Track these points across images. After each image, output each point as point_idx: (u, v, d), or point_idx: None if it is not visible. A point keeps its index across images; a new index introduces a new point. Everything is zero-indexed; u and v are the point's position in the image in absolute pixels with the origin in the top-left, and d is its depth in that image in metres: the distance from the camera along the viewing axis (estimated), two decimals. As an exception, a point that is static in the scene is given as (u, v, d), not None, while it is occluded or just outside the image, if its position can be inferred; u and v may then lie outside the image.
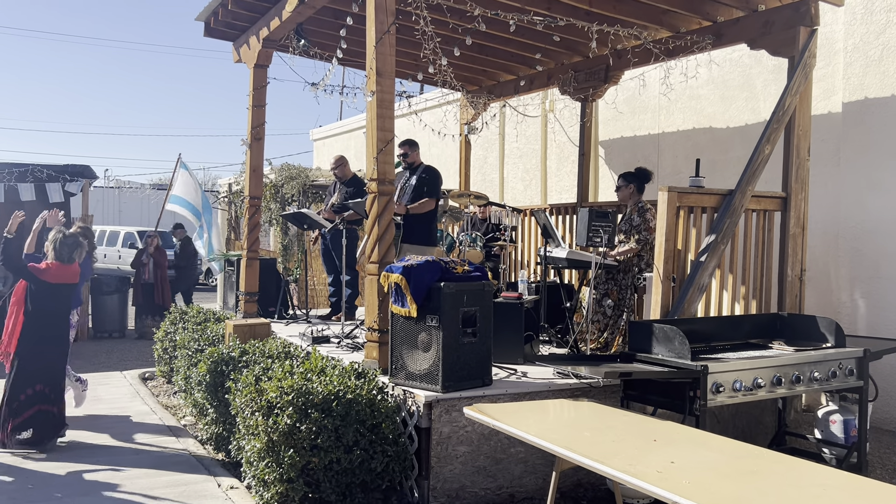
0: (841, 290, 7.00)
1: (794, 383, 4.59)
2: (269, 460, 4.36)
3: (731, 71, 8.08)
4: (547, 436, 3.38)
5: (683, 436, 3.49)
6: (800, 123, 6.12)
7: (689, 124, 8.55)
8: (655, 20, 6.93)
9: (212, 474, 5.33)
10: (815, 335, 5.08)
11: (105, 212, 33.55)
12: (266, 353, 5.74)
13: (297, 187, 11.81)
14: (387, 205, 5.30)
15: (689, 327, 4.73)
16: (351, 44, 7.10)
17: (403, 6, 5.73)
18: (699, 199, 5.73)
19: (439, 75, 7.12)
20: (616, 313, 6.53)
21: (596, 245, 5.95)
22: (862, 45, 6.85)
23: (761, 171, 5.87)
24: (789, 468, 3.02)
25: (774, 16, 6.25)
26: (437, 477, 4.53)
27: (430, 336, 4.69)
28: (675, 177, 8.39)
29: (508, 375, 5.23)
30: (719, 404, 4.35)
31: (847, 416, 5.23)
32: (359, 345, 6.30)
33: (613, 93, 8.80)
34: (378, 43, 5.29)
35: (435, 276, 4.73)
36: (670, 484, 2.70)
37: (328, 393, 4.42)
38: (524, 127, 10.79)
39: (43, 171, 11.68)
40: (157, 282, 12.51)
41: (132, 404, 7.45)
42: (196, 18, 8.26)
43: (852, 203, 6.90)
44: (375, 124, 5.31)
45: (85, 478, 5.24)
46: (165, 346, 8.27)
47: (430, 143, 11.89)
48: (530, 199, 10.75)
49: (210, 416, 5.97)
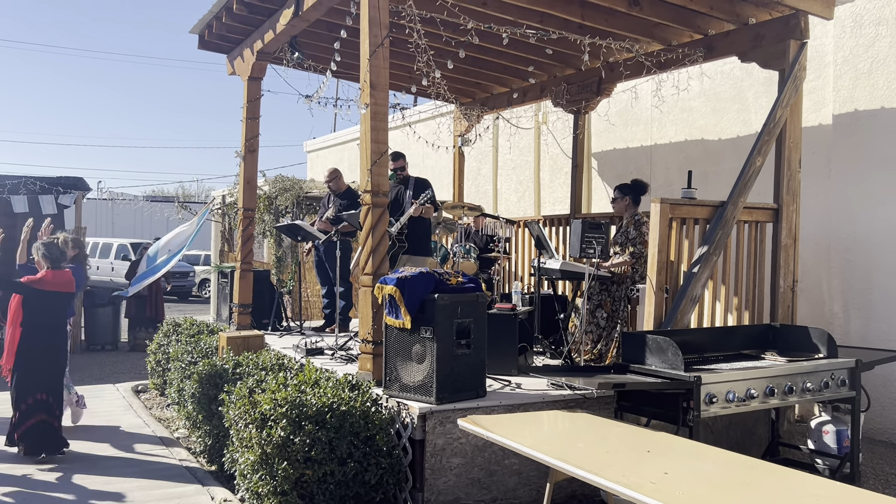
0: (833, 300, 7.03)
1: (786, 394, 4.60)
2: (262, 473, 4.35)
3: (722, 83, 8.14)
4: (541, 447, 3.38)
5: (677, 447, 3.50)
6: (791, 135, 6.17)
7: (681, 136, 8.61)
8: (647, 33, 6.98)
9: (205, 486, 5.31)
10: (807, 346, 5.11)
11: (98, 224, 33.51)
12: (260, 365, 5.73)
13: (290, 199, 11.80)
14: (381, 216, 5.31)
15: (682, 338, 4.74)
16: (345, 56, 7.12)
17: (397, 19, 5.76)
18: (691, 210, 5.76)
19: (433, 88, 7.15)
20: (610, 324, 6.54)
21: (589, 256, 5.96)
22: (851, 57, 6.91)
23: (753, 182, 5.91)
24: (783, 479, 3.03)
25: (765, 29, 6.31)
26: (431, 489, 4.52)
27: (425, 348, 4.69)
28: (667, 188, 8.43)
29: (503, 387, 5.24)
30: (713, 415, 4.36)
31: (840, 427, 5.24)
32: (353, 357, 6.30)
33: (606, 105, 8.85)
34: (372, 56, 5.32)
35: (429, 288, 4.74)
36: (664, 495, 2.71)
37: (322, 405, 4.41)
38: (517, 139, 10.83)
39: (36, 183, 11.66)
40: (150, 294, 12.47)
41: (125, 417, 7.41)
42: (190, 31, 8.28)
43: (843, 214, 6.94)
44: (369, 136, 5.33)
45: (77, 490, 5.20)
46: (158, 358, 8.25)
47: (424, 155, 11.92)
48: (524, 211, 10.78)
49: (203, 428, 5.95)
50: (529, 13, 6.55)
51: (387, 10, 5.40)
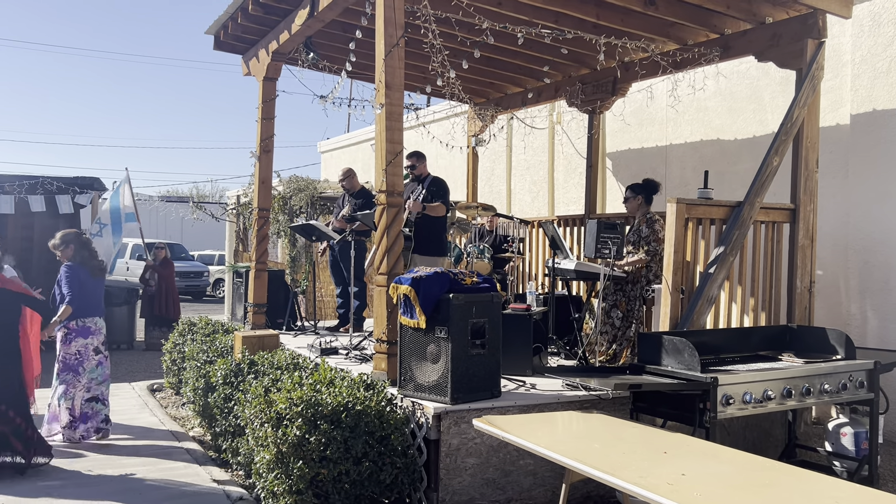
0: (850, 301, 6.97)
1: (804, 396, 4.57)
2: (278, 472, 4.36)
3: (738, 83, 8.09)
4: (557, 448, 3.37)
5: (694, 448, 3.48)
6: (808, 135, 6.12)
7: (696, 136, 8.56)
8: (663, 33, 6.95)
9: (221, 486, 5.33)
10: (824, 347, 5.07)
11: (113, 223, 33.67)
12: (275, 364, 5.75)
13: (305, 199, 11.84)
14: (396, 216, 5.32)
15: (698, 339, 4.72)
16: (360, 57, 7.15)
17: (412, 19, 5.77)
18: (708, 210, 5.73)
19: (447, 88, 7.15)
20: (625, 324, 6.52)
21: (604, 256, 5.95)
22: (870, 56, 6.85)
23: (770, 182, 5.87)
24: (801, 481, 3.00)
25: (782, 28, 6.26)
26: (446, 489, 4.52)
27: (439, 347, 4.69)
28: (682, 188, 8.39)
29: (517, 387, 5.23)
30: (729, 416, 4.33)
31: (858, 429, 5.19)
32: (367, 356, 6.31)
33: (621, 105, 8.81)
34: (387, 56, 5.33)
35: (444, 288, 4.74)
36: (682, 496, 2.69)
37: (337, 404, 4.42)
38: (531, 139, 10.81)
39: (53, 183, 11.77)
40: (167, 294, 12.55)
41: (141, 415, 7.46)
42: (206, 32, 8.33)
43: (861, 215, 6.88)
44: (384, 136, 5.34)
45: (93, 491, 5.24)
46: (174, 357, 8.29)
47: (438, 155, 11.92)
48: (537, 211, 10.76)
49: (219, 427, 5.98)
50: (544, 13, 6.54)
51: (402, 10, 5.40)
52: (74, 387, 6.26)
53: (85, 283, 6.30)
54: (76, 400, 6.25)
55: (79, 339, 6.29)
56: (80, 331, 6.30)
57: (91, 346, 6.34)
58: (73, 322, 6.26)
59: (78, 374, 6.26)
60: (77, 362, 6.27)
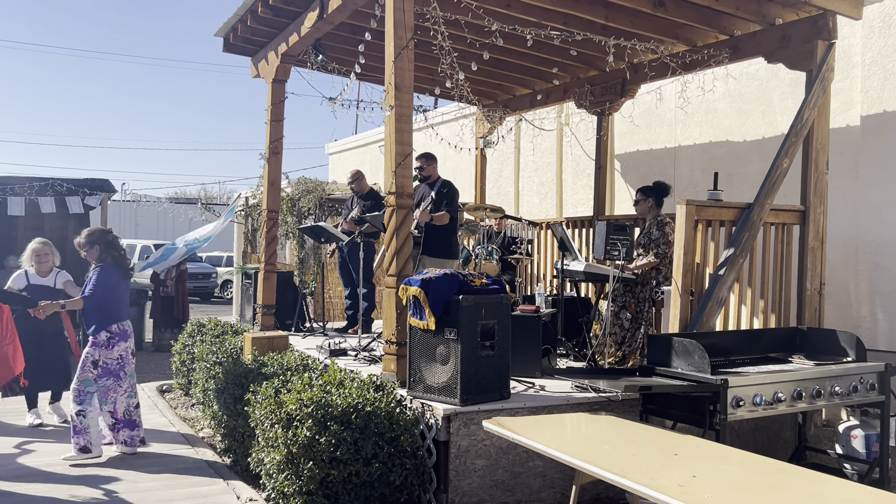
0: (861, 304, 6.95)
1: (814, 398, 4.56)
2: (288, 473, 4.37)
3: (747, 84, 8.08)
4: (567, 449, 3.37)
5: (704, 450, 3.48)
6: (818, 137, 6.11)
7: (705, 138, 8.55)
8: (672, 34, 6.95)
9: (230, 486, 5.35)
10: (835, 349, 5.05)
11: (122, 225, 33.89)
12: (285, 365, 5.77)
13: (313, 201, 11.88)
14: (405, 218, 5.33)
15: (708, 341, 4.71)
16: (369, 59, 7.16)
17: (421, 21, 5.78)
18: (717, 212, 5.72)
19: (456, 90, 7.16)
20: (634, 326, 6.52)
21: (614, 258, 5.94)
22: (880, 58, 6.83)
23: (780, 184, 5.85)
24: (811, 483, 3.00)
25: (791, 30, 6.25)
26: (455, 490, 4.53)
27: (449, 349, 4.70)
28: (691, 190, 8.37)
29: (526, 389, 5.24)
30: (739, 418, 4.32)
31: (868, 431, 5.18)
32: (376, 358, 6.32)
33: (630, 106, 8.81)
34: (396, 58, 5.34)
35: (453, 289, 4.74)
36: (692, 498, 2.69)
37: (347, 405, 4.43)
38: (540, 140, 10.81)
39: (63, 184, 11.82)
40: (178, 295, 12.59)
41: (150, 416, 7.48)
42: (215, 34, 8.36)
43: (871, 217, 6.86)
44: (394, 138, 5.35)
45: (103, 488, 5.26)
46: (183, 358, 8.32)
47: (446, 157, 11.92)
48: (546, 213, 10.76)
49: (228, 427, 6.00)
50: (553, 15, 6.55)
51: (411, 12, 5.42)
52: (115, 391, 6.05)
53: (117, 285, 6.10)
54: (118, 404, 6.06)
55: (121, 342, 6.05)
56: (122, 334, 6.06)
57: (130, 350, 6.15)
58: (115, 325, 6.02)
59: (119, 379, 6.05)
60: (119, 366, 6.04)
